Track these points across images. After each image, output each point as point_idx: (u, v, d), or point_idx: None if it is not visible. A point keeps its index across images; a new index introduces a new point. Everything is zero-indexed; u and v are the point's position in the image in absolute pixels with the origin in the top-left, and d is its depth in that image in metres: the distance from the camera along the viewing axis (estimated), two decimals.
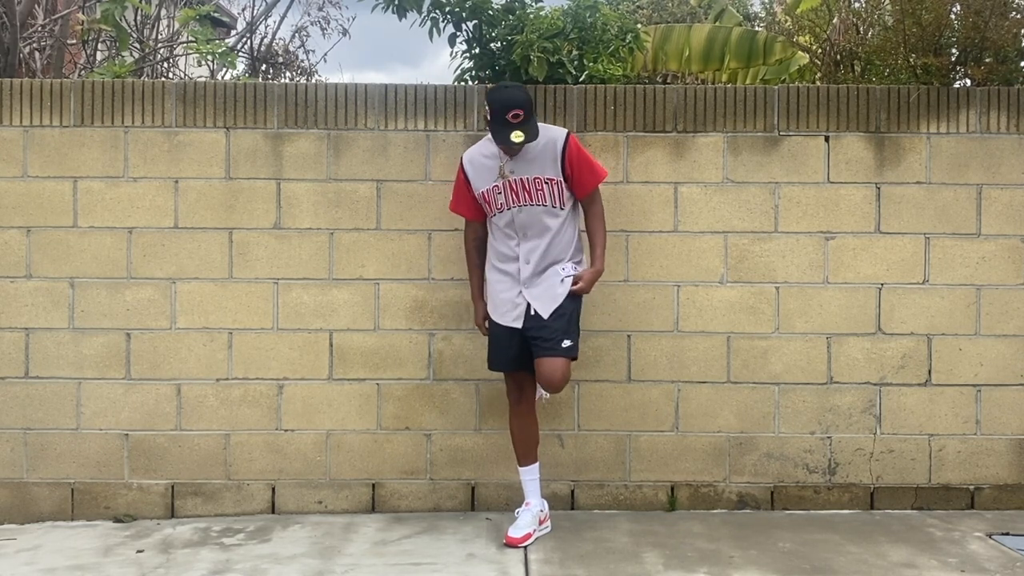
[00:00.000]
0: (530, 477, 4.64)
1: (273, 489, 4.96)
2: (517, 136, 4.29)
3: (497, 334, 4.57)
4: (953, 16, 5.11)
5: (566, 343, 4.44)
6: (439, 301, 4.96)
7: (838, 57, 5.29)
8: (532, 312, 4.46)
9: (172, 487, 4.96)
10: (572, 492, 5.00)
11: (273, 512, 4.98)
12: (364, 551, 4.44)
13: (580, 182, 4.45)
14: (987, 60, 5.03)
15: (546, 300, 4.45)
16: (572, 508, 5.00)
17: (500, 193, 4.46)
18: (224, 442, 4.95)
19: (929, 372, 5.00)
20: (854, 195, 4.97)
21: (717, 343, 4.98)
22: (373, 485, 4.98)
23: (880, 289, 4.99)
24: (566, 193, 4.46)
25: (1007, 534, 4.66)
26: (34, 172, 4.93)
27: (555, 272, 4.46)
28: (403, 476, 4.95)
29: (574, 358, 4.51)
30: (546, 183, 4.42)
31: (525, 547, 4.47)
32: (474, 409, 4.98)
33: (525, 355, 4.50)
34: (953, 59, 5.14)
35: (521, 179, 4.43)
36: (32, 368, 4.93)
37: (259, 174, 4.94)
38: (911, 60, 4.93)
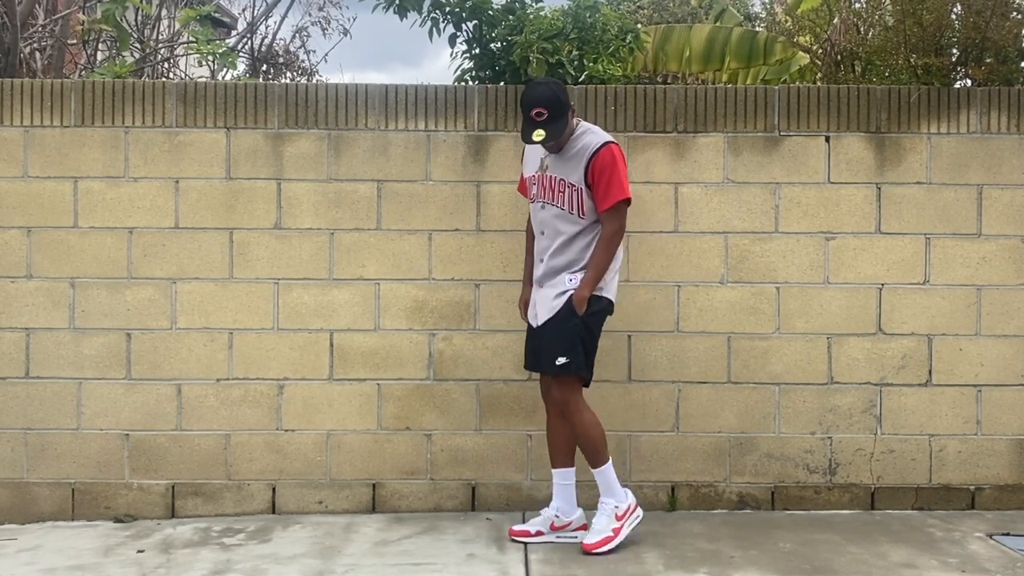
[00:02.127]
0: (556, 480, 4.59)
1: (273, 489, 4.96)
2: (538, 135, 4.24)
3: (527, 328, 4.58)
4: (954, 16, 5.11)
5: (560, 360, 4.33)
6: (439, 301, 4.96)
7: (839, 57, 5.29)
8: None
9: (172, 487, 4.96)
10: None
11: (273, 512, 4.98)
12: (364, 551, 4.44)
13: (598, 196, 4.30)
14: (988, 60, 5.03)
15: (543, 307, 4.41)
16: None
17: (535, 184, 4.44)
18: (224, 442, 4.95)
19: (930, 372, 5.00)
20: (855, 195, 4.97)
21: (717, 343, 4.98)
22: (373, 485, 4.99)
23: (881, 289, 4.99)
24: (587, 203, 4.32)
25: (1008, 534, 4.66)
26: (35, 172, 4.93)
27: (562, 281, 4.37)
28: (403, 476, 4.96)
29: (581, 378, 4.40)
30: (569, 187, 4.34)
31: (525, 544, 4.48)
32: (474, 409, 4.98)
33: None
34: (954, 59, 5.14)
35: (552, 176, 4.39)
36: (33, 368, 4.93)
37: (259, 174, 4.94)
38: (912, 60, 4.93)
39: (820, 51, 5.53)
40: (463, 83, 5.25)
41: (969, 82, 5.13)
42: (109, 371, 4.93)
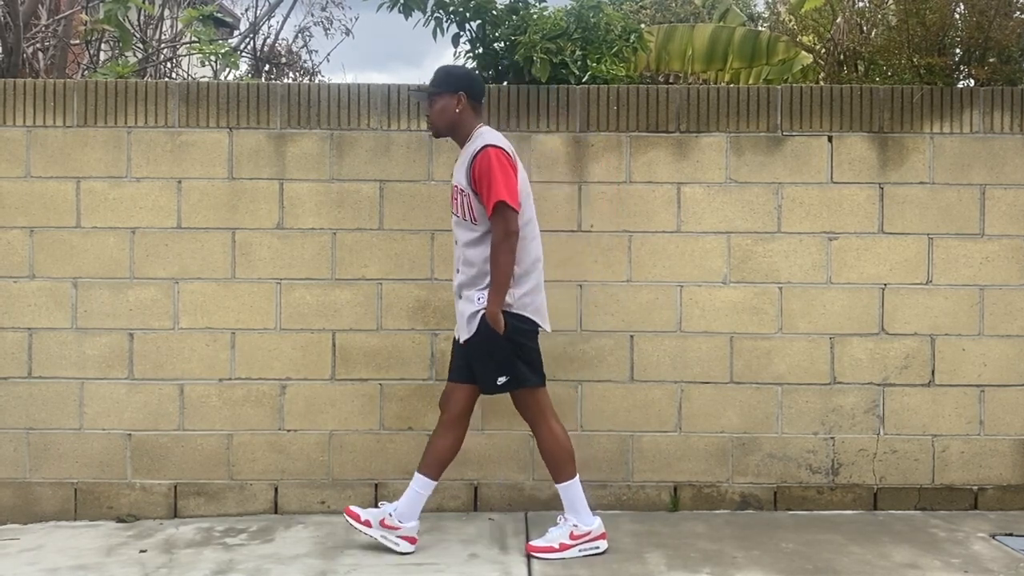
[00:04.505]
0: (413, 483, 4.45)
1: (276, 489, 4.96)
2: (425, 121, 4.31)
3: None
4: (957, 16, 5.10)
5: (500, 380, 4.27)
6: (442, 301, 4.95)
7: (841, 57, 5.28)
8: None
9: (175, 487, 4.96)
10: None
11: (276, 512, 4.98)
12: (367, 551, 4.43)
13: (483, 200, 4.14)
14: (991, 60, 5.02)
15: (460, 323, 4.32)
16: None
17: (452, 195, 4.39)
18: (227, 442, 4.95)
19: (932, 372, 4.99)
20: (857, 195, 4.96)
21: (720, 343, 4.97)
22: (376, 485, 4.98)
23: (883, 289, 4.98)
24: (477, 207, 4.19)
25: (1011, 535, 4.65)
26: (37, 172, 4.93)
27: (472, 299, 4.24)
28: (406, 476, 4.92)
29: (533, 389, 4.33)
30: (460, 192, 4.25)
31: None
32: (477, 409, 4.96)
33: (461, 368, 4.37)
34: (957, 59, 5.12)
35: (453, 184, 4.33)
36: (35, 368, 4.93)
37: (262, 174, 4.94)
38: (915, 60, 4.92)
39: (823, 51, 5.53)
40: None
41: (972, 82, 5.12)
42: (111, 371, 4.93)
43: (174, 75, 7.68)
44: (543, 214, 4.92)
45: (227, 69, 7.00)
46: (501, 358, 4.25)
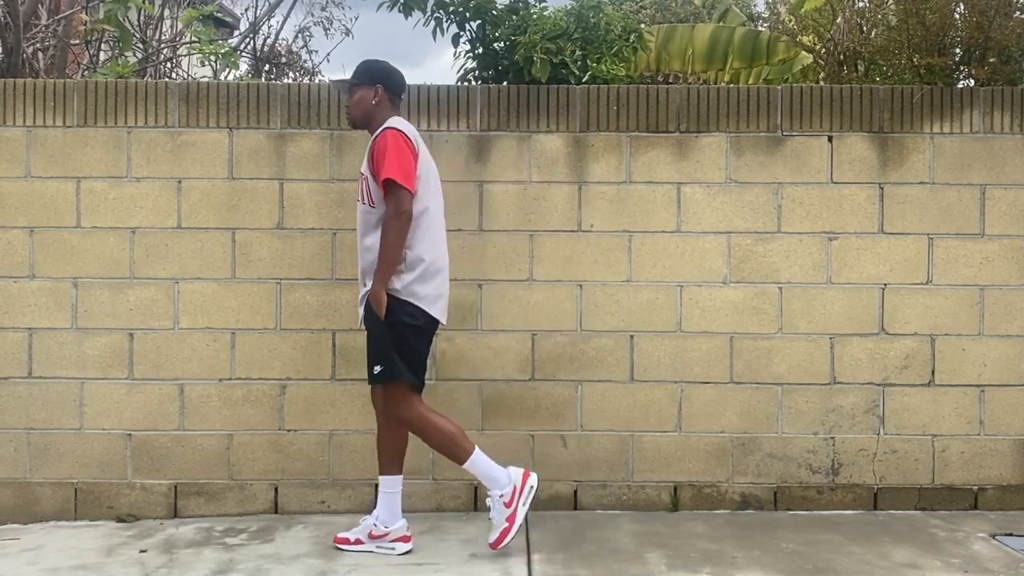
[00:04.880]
0: (380, 487, 4.47)
1: (276, 489, 4.96)
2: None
3: None
4: (957, 16, 5.10)
5: (375, 369, 4.25)
6: None
7: (841, 57, 5.28)
8: None
9: (175, 487, 4.96)
10: (575, 492, 5.00)
11: (276, 512, 4.98)
12: (367, 551, 4.43)
13: (378, 180, 4.15)
14: (991, 60, 5.02)
15: (360, 309, 4.35)
16: (575, 508, 5.00)
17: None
18: (227, 442, 4.95)
19: (932, 372, 4.99)
20: (857, 195, 4.96)
21: (720, 343, 4.97)
22: (376, 485, 4.96)
23: (883, 289, 4.98)
24: (375, 190, 4.20)
25: (1011, 535, 4.65)
26: (37, 172, 4.93)
27: (367, 284, 4.26)
28: (406, 476, 4.91)
29: (405, 384, 4.27)
30: (362, 176, 4.30)
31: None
32: (477, 409, 4.98)
33: None
34: (957, 59, 5.12)
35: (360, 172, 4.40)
36: (35, 368, 4.93)
37: (262, 174, 4.94)
38: (915, 60, 4.92)
39: (823, 51, 5.53)
40: (466, 83, 5.24)
41: (972, 82, 5.12)
42: (111, 371, 4.93)
43: (174, 75, 7.68)
44: (543, 214, 4.94)
45: (227, 69, 7.00)
46: (378, 345, 4.24)
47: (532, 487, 4.37)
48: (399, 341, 4.21)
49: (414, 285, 4.21)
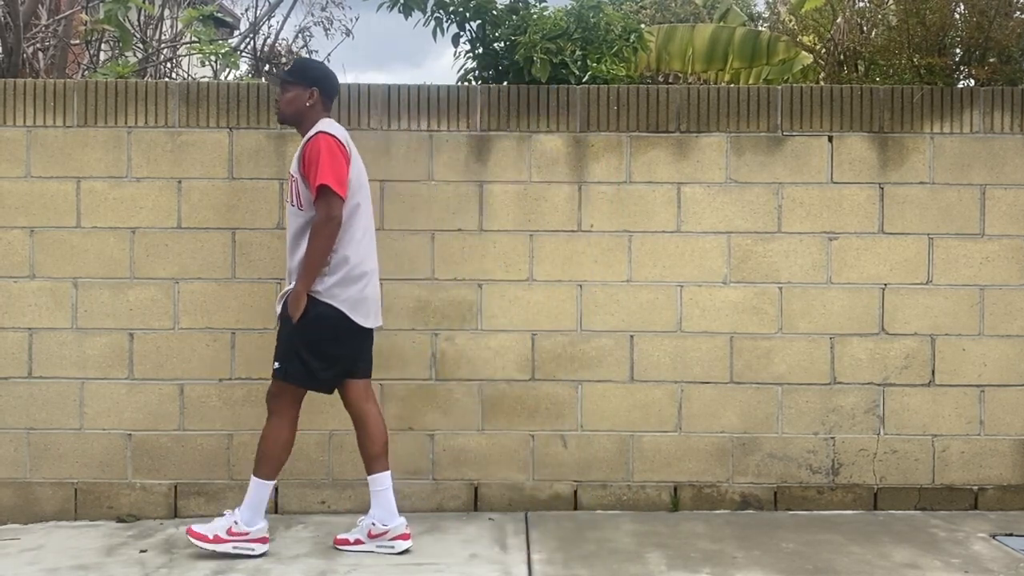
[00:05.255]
0: (371, 487, 4.47)
1: (276, 489, 4.95)
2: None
3: None
4: (957, 16, 5.10)
5: (275, 364, 4.32)
6: (442, 301, 4.95)
7: (842, 57, 5.28)
8: None
9: (175, 487, 4.96)
10: (575, 492, 5.00)
11: (276, 512, 4.98)
12: (367, 551, 4.43)
13: (309, 184, 4.18)
14: (991, 60, 5.02)
15: (278, 307, 4.38)
16: (575, 508, 5.00)
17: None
18: (227, 442, 4.95)
19: (932, 372, 5.00)
20: (857, 195, 4.97)
21: (720, 343, 4.97)
22: None
23: (883, 289, 4.98)
24: (304, 193, 4.23)
25: (1011, 535, 4.65)
26: (37, 172, 4.93)
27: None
28: (406, 476, 4.95)
29: (294, 387, 4.33)
30: (291, 178, 4.32)
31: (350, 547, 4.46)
32: (477, 409, 4.98)
33: None
34: (957, 59, 5.12)
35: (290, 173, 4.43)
36: (35, 368, 4.93)
37: (262, 174, 4.94)
38: (915, 60, 4.92)
39: (823, 51, 5.53)
40: (466, 83, 5.24)
41: (972, 82, 5.12)
42: (112, 371, 4.93)
43: (174, 75, 7.67)
44: (543, 214, 4.95)
45: (227, 69, 7.00)
46: (284, 344, 4.29)
47: (253, 551, 4.35)
48: (309, 343, 4.25)
49: (335, 288, 4.24)
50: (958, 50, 5.11)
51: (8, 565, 4.33)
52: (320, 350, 4.26)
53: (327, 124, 4.31)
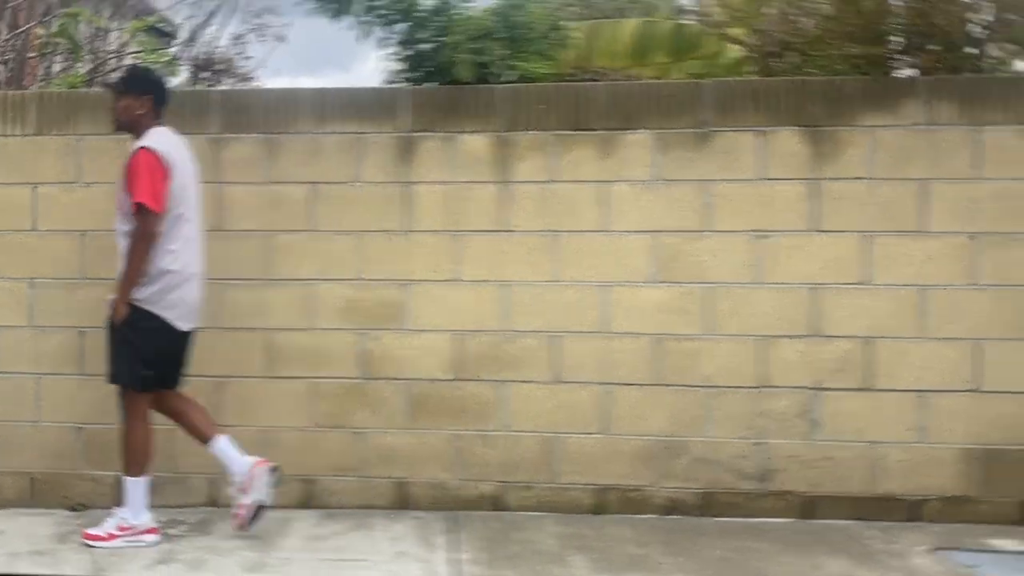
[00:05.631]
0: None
1: (212, 483, 5.10)
2: None
3: None
4: (896, 2, 4.84)
5: (107, 368, 4.54)
6: (370, 301, 5.01)
7: (773, 49, 5.09)
8: None
9: (119, 479, 5.16)
10: (499, 493, 4.98)
11: (215, 506, 5.13)
12: (298, 546, 4.54)
13: (130, 197, 4.37)
14: (933, 48, 4.74)
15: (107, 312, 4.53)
16: (500, 509, 4.98)
17: None
18: (169, 437, 5.12)
19: (869, 376, 4.77)
20: (789, 192, 4.79)
21: (646, 344, 4.87)
22: (307, 481, 5.08)
23: (816, 290, 4.79)
24: (126, 205, 4.40)
25: (952, 548, 4.42)
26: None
27: None
28: (335, 473, 5.03)
29: (127, 385, 4.52)
30: (119, 187, 4.49)
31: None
32: (405, 408, 5.02)
33: None
34: (897, 48, 4.86)
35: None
36: None
37: (202, 178, 5.09)
38: (850, 50, 4.70)
39: (754, 43, 5.33)
40: (393, 85, 5.28)
41: (914, 72, 4.85)
42: (65, 367, 5.17)
43: None
44: (469, 215, 4.94)
45: (169, 76, 7.21)
46: (113, 349, 4.51)
47: (145, 543, 4.56)
48: (133, 347, 4.45)
49: (156, 295, 4.44)
50: (897, 38, 4.84)
51: None
52: (143, 353, 4.46)
53: (153, 136, 4.48)
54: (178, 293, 4.47)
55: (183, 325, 4.54)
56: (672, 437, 4.88)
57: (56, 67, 6.52)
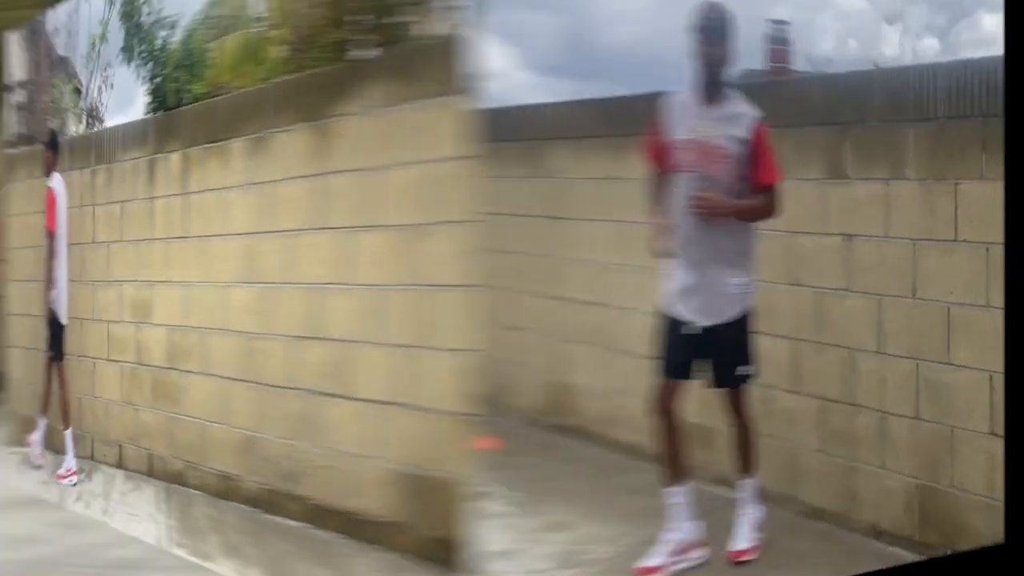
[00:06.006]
0: None
1: None
2: None
3: None
4: None
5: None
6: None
7: (298, 45, 4.60)
8: None
9: None
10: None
11: None
12: None
13: None
14: (382, 21, 3.99)
15: None
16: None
17: None
18: None
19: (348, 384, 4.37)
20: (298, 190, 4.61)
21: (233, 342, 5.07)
22: None
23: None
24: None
25: None
26: None
27: None
28: None
29: None
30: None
31: None
32: None
33: None
34: (362, 28, 4.18)
35: None
36: None
37: None
38: (334, 37, 4.23)
39: (292, 41, 4.77)
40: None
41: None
42: None
43: None
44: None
45: None
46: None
47: None
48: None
49: None
50: (360, 18, 4.18)
51: None
52: None
53: None
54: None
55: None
56: (252, 433, 5.01)
57: None
